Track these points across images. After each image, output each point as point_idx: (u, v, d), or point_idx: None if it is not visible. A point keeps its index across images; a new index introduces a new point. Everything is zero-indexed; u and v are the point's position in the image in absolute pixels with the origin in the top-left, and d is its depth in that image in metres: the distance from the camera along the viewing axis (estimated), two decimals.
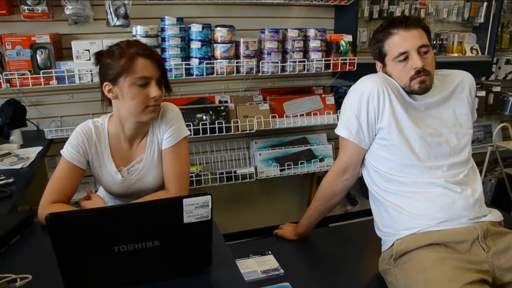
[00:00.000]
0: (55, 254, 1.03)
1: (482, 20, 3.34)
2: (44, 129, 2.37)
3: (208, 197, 1.12)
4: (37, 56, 2.25)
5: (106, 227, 1.07)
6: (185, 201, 1.10)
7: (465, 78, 1.67)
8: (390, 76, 1.62)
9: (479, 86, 3.43)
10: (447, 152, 1.58)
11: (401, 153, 1.56)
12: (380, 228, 1.64)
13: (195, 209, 1.11)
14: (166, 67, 2.39)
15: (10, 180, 1.78)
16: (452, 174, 1.56)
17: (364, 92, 1.57)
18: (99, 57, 1.50)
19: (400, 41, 1.55)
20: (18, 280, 1.09)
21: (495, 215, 1.55)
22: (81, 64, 2.29)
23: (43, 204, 1.47)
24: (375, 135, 1.61)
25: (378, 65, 1.67)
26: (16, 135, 2.27)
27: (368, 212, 1.73)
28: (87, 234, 1.05)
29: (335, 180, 1.72)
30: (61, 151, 1.55)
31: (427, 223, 1.49)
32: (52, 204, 1.46)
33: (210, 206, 1.13)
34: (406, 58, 1.55)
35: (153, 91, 1.46)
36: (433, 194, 1.52)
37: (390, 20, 1.60)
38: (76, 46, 2.27)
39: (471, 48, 3.38)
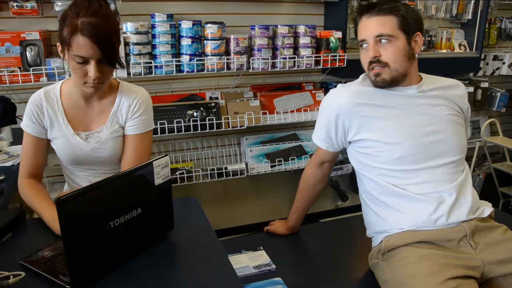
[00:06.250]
0: (63, 239, 1.00)
1: (470, 17, 3.37)
2: None
3: (167, 157, 1.19)
4: (27, 53, 2.23)
5: (102, 202, 1.07)
6: (154, 163, 1.16)
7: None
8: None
9: (467, 82, 3.47)
10: (440, 152, 1.50)
11: (386, 159, 1.51)
12: (369, 227, 1.64)
13: (161, 170, 1.18)
14: (156, 64, 2.42)
15: (1, 178, 1.78)
16: (447, 176, 1.49)
17: (333, 108, 1.57)
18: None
19: (361, 28, 1.51)
20: (11, 277, 1.08)
21: (484, 210, 1.52)
22: None
23: (19, 180, 1.54)
24: (350, 143, 1.60)
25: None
26: (6, 133, 2.26)
27: (359, 208, 1.75)
28: (90, 212, 1.05)
29: (315, 171, 1.75)
30: (21, 125, 1.55)
31: (416, 223, 1.47)
32: (26, 179, 1.53)
33: (169, 166, 1.20)
34: (366, 46, 1.50)
35: (91, 71, 1.36)
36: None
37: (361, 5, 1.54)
38: None
39: (459, 44, 3.41)
